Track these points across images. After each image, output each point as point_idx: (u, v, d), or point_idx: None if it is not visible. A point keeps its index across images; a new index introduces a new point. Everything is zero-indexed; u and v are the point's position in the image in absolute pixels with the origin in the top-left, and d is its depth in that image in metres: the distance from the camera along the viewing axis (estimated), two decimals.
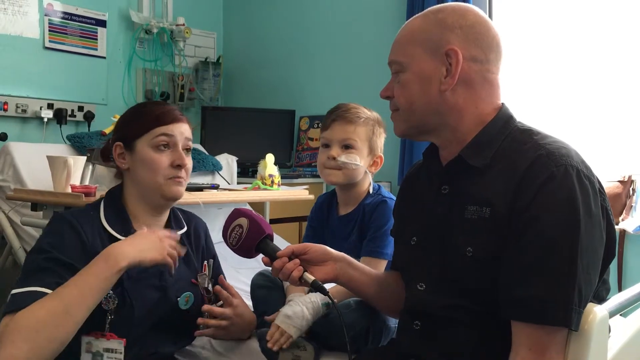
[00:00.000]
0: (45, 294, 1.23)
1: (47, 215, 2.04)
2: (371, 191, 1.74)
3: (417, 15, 1.21)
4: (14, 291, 1.26)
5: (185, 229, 1.57)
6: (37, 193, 2.08)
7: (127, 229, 1.43)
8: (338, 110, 1.73)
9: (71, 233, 1.35)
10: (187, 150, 1.48)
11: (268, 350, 1.48)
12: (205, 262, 1.57)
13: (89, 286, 1.24)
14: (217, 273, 1.63)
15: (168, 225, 1.53)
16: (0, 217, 2.36)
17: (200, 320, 1.49)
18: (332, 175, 1.71)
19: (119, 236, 1.41)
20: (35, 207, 2.10)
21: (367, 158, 1.72)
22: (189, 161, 1.47)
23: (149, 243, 1.31)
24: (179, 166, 1.44)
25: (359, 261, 1.39)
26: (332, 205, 1.82)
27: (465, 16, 1.15)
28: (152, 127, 1.43)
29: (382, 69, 3.42)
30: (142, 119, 1.45)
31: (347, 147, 1.70)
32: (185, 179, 1.47)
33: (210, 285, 1.55)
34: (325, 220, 1.82)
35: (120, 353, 1.33)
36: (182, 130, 1.46)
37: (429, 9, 1.20)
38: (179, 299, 1.47)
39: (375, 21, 3.46)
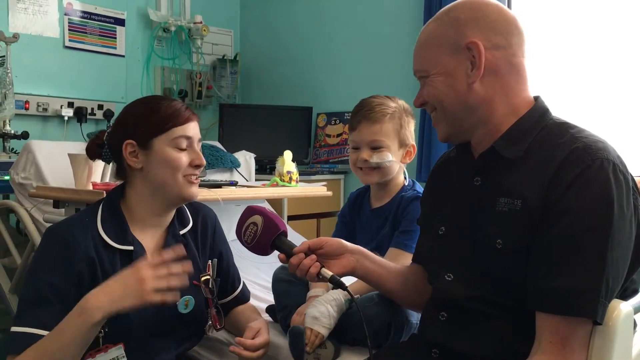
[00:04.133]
0: (40, 336, 1.25)
1: (69, 212, 2.06)
2: (406, 184, 1.74)
3: (430, 20, 1.22)
4: (13, 329, 1.27)
5: (190, 225, 1.52)
6: (59, 190, 2.10)
7: (123, 237, 1.39)
8: (362, 110, 1.71)
9: (63, 250, 1.33)
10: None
11: (297, 350, 1.48)
12: (210, 262, 1.53)
13: (68, 340, 1.21)
14: (227, 271, 1.60)
15: (171, 225, 1.49)
16: (23, 215, 2.39)
17: (232, 348, 1.46)
18: (367, 176, 1.72)
19: (114, 244, 1.38)
20: (57, 204, 2.12)
21: (399, 152, 1.72)
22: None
23: (126, 289, 1.22)
24: (197, 166, 1.43)
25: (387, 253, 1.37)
26: (364, 199, 1.83)
27: (477, 9, 1.15)
28: (170, 127, 1.40)
29: (398, 65, 3.39)
30: (157, 117, 1.41)
31: (376, 148, 1.69)
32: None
33: (214, 286, 1.52)
34: (357, 214, 1.82)
35: (124, 357, 1.33)
36: (196, 130, 1.45)
37: (441, 11, 1.21)
38: (178, 303, 1.42)
39: (392, 17, 3.44)
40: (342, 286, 1.24)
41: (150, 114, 1.42)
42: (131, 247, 1.40)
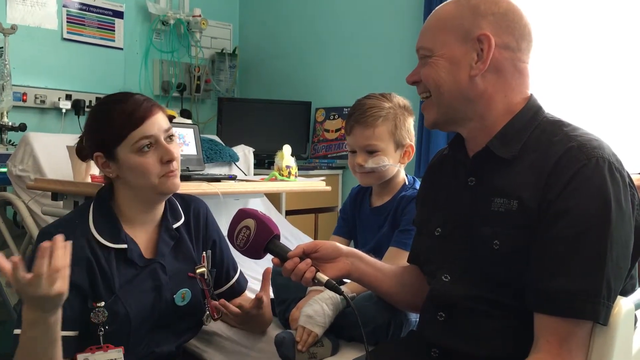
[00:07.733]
0: None
1: (68, 205, 2.05)
2: (407, 182, 1.74)
3: (448, 1, 1.19)
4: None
5: (183, 219, 1.51)
6: (57, 183, 2.09)
7: (117, 236, 1.39)
8: (355, 114, 1.69)
9: None
10: (170, 137, 1.40)
11: (287, 356, 1.47)
12: (204, 254, 1.53)
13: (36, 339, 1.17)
14: (221, 260, 1.59)
15: (164, 219, 1.48)
16: (21, 207, 2.38)
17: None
18: (365, 179, 1.73)
19: (108, 244, 1.37)
20: (55, 196, 2.11)
21: (396, 154, 1.70)
22: (175, 149, 1.40)
23: (33, 302, 1.14)
24: (169, 161, 1.38)
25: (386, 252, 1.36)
26: (365, 197, 1.82)
27: (498, 3, 1.14)
28: (128, 132, 1.34)
29: (398, 60, 3.37)
30: (114, 124, 1.36)
31: (370, 152, 1.68)
32: (178, 169, 1.42)
33: (210, 277, 1.51)
34: (357, 212, 1.82)
35: None
36: (159, 124, 1.37)
37: None
38: (175, 296, 1.43)
39: (391, 12, 3.44)
40: (338, 291, 1.22)
41: (108, 121, 1.37)
42: (125, 246, 1.40)
